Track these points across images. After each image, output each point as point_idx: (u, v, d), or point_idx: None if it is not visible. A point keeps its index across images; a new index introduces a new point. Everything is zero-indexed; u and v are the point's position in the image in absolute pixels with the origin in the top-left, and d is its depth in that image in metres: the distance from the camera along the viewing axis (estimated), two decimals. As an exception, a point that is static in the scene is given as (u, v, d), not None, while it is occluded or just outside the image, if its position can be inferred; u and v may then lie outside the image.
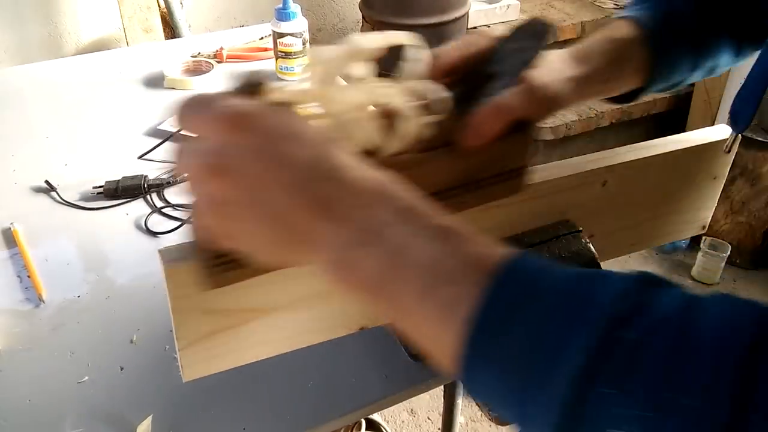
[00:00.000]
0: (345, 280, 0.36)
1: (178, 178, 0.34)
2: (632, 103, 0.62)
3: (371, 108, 0.43)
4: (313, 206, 0.35)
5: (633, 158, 0.61)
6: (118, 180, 0.96)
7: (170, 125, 1.11)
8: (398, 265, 0.34)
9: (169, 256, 0.43)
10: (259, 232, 0.37)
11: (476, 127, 0.46)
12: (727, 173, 0.69)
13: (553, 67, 0.52)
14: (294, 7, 1.25)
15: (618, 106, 0.65)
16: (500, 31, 0.50)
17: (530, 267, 0.33)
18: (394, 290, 0.34)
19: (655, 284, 0.32)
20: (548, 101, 0.50)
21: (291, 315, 0.50)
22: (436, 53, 0.49)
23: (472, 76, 0.47)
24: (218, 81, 1.28)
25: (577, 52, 0.55)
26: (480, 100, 0.46)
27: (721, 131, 0.67)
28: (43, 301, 0.78)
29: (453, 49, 0.50)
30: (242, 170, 0.36)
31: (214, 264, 0.41)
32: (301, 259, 0.38)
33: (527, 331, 0.31)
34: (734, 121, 0.65)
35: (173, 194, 0.97)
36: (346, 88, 0.42)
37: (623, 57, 0.57)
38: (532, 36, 0.47)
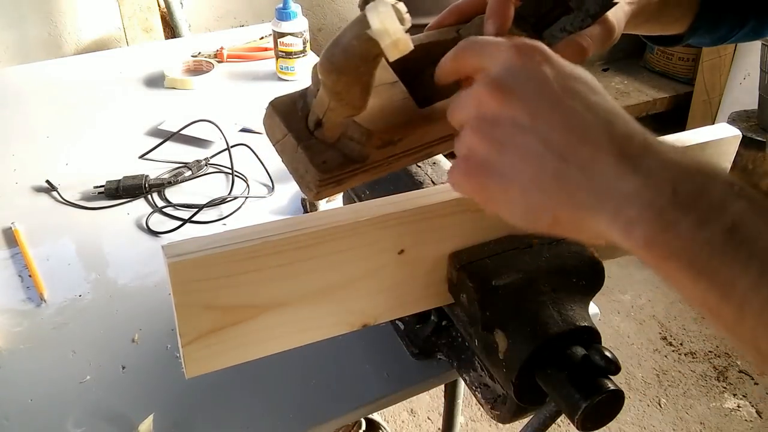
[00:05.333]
0: (654, 246, 0.31)
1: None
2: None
3: None
4: (618, 153, 0.31)
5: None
6: (119, 180, 0.96)
7: (171, 125, 1.11)
8: (736, 246, 0.30)
9: (173, 252, 0.43)
10: (532, 167, 0.32)
11: None
12: (728, 172, 0.69)
13: None
14: (294, 7, 1.25)
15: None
16: None
17: None
18: (727, 272, 0.30)
19: None
20: (615, 37, 0.48)
21: (293, 312, 0.50)
22: None
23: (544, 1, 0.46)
24: (219, 81, 1.29)
25: None
26: (555, 33, 0.45)
27: (721, 131, 0.67)
28: (45, 301, 0.78)
29: None
30: (528, 93, 0.32)
31: (332, 178, 0.41)
32: (571, 213, 0.33)
33: None
34: None
35: (174, 194, 0.97)
36: None
37: None
38: None
